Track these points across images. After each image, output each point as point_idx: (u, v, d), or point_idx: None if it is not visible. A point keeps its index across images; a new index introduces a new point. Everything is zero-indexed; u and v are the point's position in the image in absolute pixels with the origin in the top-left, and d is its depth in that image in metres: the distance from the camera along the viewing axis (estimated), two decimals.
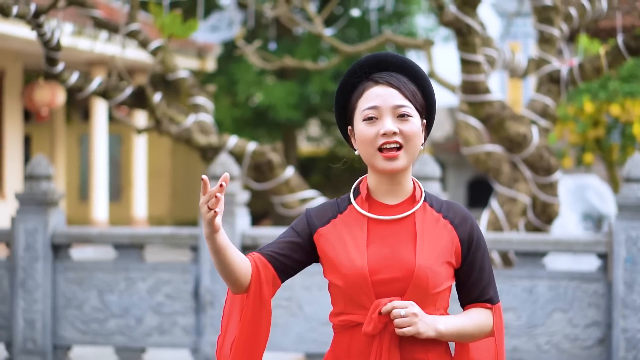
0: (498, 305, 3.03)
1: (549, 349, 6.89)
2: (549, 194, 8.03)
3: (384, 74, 2.96)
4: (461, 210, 3.00)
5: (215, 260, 2.90)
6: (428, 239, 2.92)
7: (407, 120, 2.91)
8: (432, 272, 2.88)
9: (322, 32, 9.72)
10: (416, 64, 3.02)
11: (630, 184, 6.73)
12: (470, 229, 2.98)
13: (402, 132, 2.90)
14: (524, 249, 6.97)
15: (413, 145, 2.92)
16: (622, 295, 6.66)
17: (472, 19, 7.63)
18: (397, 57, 2.99)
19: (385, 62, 2.98)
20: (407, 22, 22.77)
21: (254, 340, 2.99)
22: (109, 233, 7.75)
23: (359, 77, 2.99)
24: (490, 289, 3.01)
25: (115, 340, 7.47)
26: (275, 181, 8.05)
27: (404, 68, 2.98)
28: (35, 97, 15.79)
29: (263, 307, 2.98)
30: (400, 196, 2.98)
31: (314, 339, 7.19)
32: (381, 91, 2.93)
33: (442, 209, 2.99)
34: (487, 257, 3.01)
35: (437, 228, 2.95)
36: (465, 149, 8.50)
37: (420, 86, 2.98)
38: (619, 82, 14.59)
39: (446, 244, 2.94)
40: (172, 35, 7.55)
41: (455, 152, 20.26)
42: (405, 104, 2.92)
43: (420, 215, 2.95)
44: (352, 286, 2.92)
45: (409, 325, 2.82)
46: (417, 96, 2.96)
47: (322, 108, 23.01)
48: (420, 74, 2.99)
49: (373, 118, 2.92)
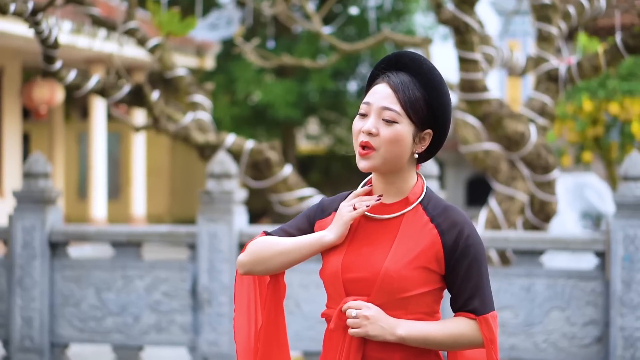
0: (485, 317, 2.89)
1: (546, 347, 6.90)
2: (547, 192, 8.03)
3: (394, 73, 2.92)
4: (454, 216, 2.91)
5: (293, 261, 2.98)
6: (406, 243, 2.88)
7: (390, 125, 2.86)
8: (400, 276, 2.84)
9: (320, 30, 9.72)
10: (436, 72, 2.94)
11: (628, 183, 6.73)
12: (457, 235, 2.88)
13: (381, 136, 2.87)
14: (522, 247, 6.98)
15: (387, 151, 2.87)
16: (620, 294, 6.67)
17: (470, 17, 7.63)
18: (413, 59, 2.94)
19: (400, 62, 2.94)
20: (405, 20, 22.79)
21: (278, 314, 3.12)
22: (106, 231, 7.75)
23: (379, 71, 2.96)
24: (474, 300, 2.89)
25: (112, 338, 7.48)
26: (273, 179, 8.05)
27: (417, 72, 2.92)
28: (34, 95, 15.81)
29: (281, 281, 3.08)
30: (395, 196, 2.96)
31: (312, 337, 7.20)
32: (380, 89, 2.90)
33: (435, 213, 2.92)
34: (476, 267, 2.90)
35: (420, 232, 2.89)
36: (464, 147, 8.51)
37: (430, 95, 2.90)
38: (618, 80, 14.59)
39: (424, 249, 2.87)
40: (170, 33, 7.54)
41: (454, 151, 20.25)
42: (394, 109, 2.87)
43: (409, 218, 2.92)
44: (328, 282, 2.96)
45: (358, 327, 2.84)
46: (417, 104, 2.88)
47: (321, 106, 23.02)
48: (433, 83, 2.91)
49: (364, 114, 2.91)
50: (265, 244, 2.98)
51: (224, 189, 7.26)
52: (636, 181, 6.72)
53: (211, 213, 7.25)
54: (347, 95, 23.60)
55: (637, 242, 6.66)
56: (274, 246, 2.97)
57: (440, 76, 2.93)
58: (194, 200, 24.50)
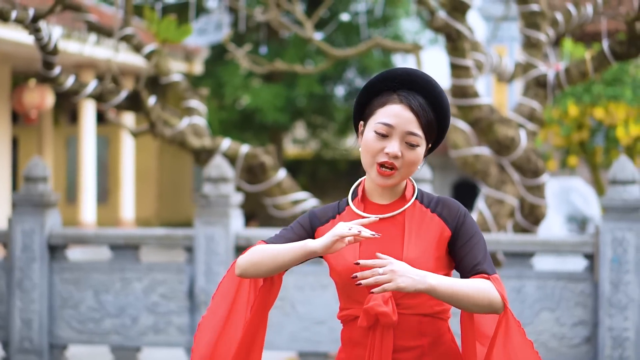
0: (495, 277, 3.07)
1: (536, 347, 7.01)
2: (537, 195, 8.15)
3: (410, 94, 3.06)
4: (449, 203, 3.14)
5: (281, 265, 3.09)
6: (416, 233, 3.08)
7: (413, 149, 3.05)
8: (420, 264, 3.02)
9: (312, 36, 9.84)
10: (443, 92, 3.11)
11: (616, 186, 6.87)
12: (458, 217, 3.11)
13: (404, 157, 3.04)
14: (513, 249, 7.11)
15: (408, 171, 3.08)
16: (608, 295, 6.81)
17: (462, 24, 7.75)
18: (428, 82, 3.09)
19: (415, 82, 3.08)
20: (393, 25, 22.93)
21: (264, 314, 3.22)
22: (104, 234, 7.85)
23: (387, 85, 3.09)
24: (483, 265, 3.08)
25: (110, 340, 7.58)
26: (267, 183, 8.17)
27: (430, 93, 3.08)
28: (25, 100, 15.89)
29: (276, 283, 3.21)
30: (392, 196, 3.16)
31: (307, 338, 7.31)
32: (401, 112, 3.04)
33: (432, 203, 3.15)
34: (478, 239, 3.11)
35: (425, 222, 3.11)
36: (454, 151, 8.60)
37: (438, 114, 3.09)
38: (603, 85, 14.74)
39: (434, 235, 3.09)
40: (167, 39, 7.67)
41: (441, 155, 20.40)
42: (418, 133, 3.04)
43: (410, 212, 3.12)
44: (346, 283, 3.09)
45: (389, 281, 2.89)
46: (431, 124, 3.07)
47: (308, 111, 23.15)
48: (443, 103, 3.09)
49: (384, 135, 3.05)
50: (261, 248, 3.13)
51: (220, 193, 7.39)
52: (624, 185, 6.86)
53: (208, 216, 7.37)
54: (334, 100, 23.74)
55: (625, 245, 6.80)
56: (266, 251, 3.11)
57: (447, 99, 3.12)
58: (182, 203, 24.58)
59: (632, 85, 14.80)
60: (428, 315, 3.09)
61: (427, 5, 8.33)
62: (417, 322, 3.08)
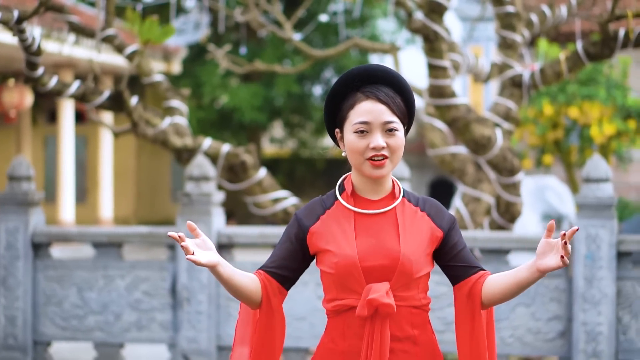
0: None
1: (512, 342, 7.17)
2: (512, 194, 8.29)
3: (373, 88, 3.24)
4: (434, 203, 3.36)
5: (226, 288, 3.24)
6: (410, 230, 3.26)
7: (394, 135, 3.23)
8: (415, 259, 3.22)
9: (291, 37, 9.95)
10: (401, 76, 3.30)
11: (589, 184, 7.02)
12: (443, 217, 3.33)
13: (389, 145, 3.22)
14: (489, 246, 7.24)
15: (397, 156, 3.25)
16: (582, 290, 6.95)
17: (439, 25, 7.88)
18: (385, 71, 3.28)
19: (374, 76, 3.26)
20: (370, 25, 23.05)
21: (270, 345, 3.33)
22: (88, 232, 7.94)
23: (349, 87, 3.27)
24: (474, 262, 3.34)
25: (94, 336, 7.67)
26: (248, 182, 8.26)
27: (391, 82, 3.27)
28: (4, 100, 15.93)
29: (276, 315, 3.32)
30: (381, 192, 3.32)
31: (288, 333, 7.31)
32: (371, 107, 3.22)
33: (419, 203, 3.34)
34: (462, 237, 3.37)
35: (416, 219, 3.29)
36: (431, 150, 8.71)
37: (404, 98, 3.28)
38: (578, 85, 14.87)
39: (426, 233, 3.28)
40: (149, 40, 7.75)
41: (418, 154, 20.55)
42: (393, 120, 3.22)
43: (400, 209, 3.30)
44: (343, 273, 3.23)
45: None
46: (402, 109, 3.26)
47: (286, 110, 23.23)
48: (405, 87, 3.28)
49: (364, 132, 3.22)
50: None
51: (202, 191, 7.50)
52: (597, 183, 7.01)
53: (190, 214, 7.48)
54: (312, 99, 23.84)
55: (598, 241, 6.95)
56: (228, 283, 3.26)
57: (406, 80, 3.32)
58: (160, 203, 24.63)
59: (605, 85, 14.96)
60: (418, 308, 3.27)
61: (405, 6, 8.46)
62: (408, 313, 3.25)
